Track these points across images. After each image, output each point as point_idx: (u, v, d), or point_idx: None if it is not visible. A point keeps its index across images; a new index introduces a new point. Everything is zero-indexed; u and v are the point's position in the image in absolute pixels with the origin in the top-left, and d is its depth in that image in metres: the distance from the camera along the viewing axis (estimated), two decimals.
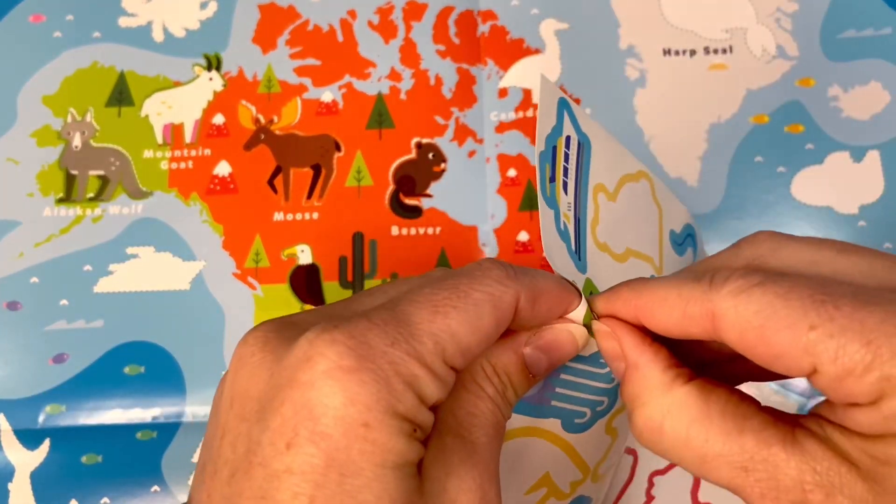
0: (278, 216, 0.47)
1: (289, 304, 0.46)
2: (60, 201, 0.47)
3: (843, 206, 0.45)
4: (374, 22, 0.50)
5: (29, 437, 0.44)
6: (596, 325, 0.26)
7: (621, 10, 0.49)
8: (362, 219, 0.47)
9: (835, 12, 0.48)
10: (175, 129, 0.49)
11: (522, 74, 0.48)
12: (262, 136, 0.48)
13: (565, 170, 0.29)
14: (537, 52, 0.48)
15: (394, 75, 0.49)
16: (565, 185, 0.29)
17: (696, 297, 0.22)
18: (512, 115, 0.48)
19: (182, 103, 0.49)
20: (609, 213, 0.31)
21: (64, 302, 0.46)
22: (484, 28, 0.49)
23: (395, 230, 0.46)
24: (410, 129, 0.48)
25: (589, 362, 0.28)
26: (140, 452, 0.43)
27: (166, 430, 0.44)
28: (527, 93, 0.48)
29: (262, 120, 0.49)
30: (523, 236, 0.46)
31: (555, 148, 0.29)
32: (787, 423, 0.21)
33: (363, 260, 0.46)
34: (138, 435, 0.44)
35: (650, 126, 0.47)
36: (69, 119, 0.49)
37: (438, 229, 0.46)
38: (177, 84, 0.49)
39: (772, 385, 0.42)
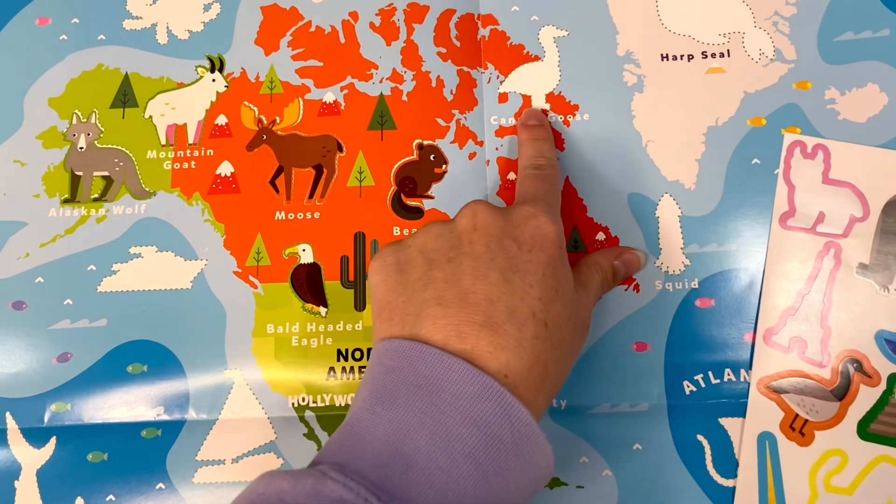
0: (280, 215, 0.47)
1: (290, 302, 0.46)
2: (66, 202, 0.48)
3: None
4: (376, 24, 0.50)
5: (35, 436, 0.45)
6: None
7: (619, 17, 0.49)
8: (364, 219, 0.47)
9: (833, 15, 0.48)
10: (178, 129, 0.49)
11: (522, 81, 0.49)
12: (265, 137, 0.49)
13: None
14: (537, 58, 0.49)
15: (395, 77, 0.49)
16: None
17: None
18: (511, 121, 0.48)
19: (185, 104, 0.49)
20: None
21: (68, 301, 0.46)
22: (484, 32, 0.49)
23: (396, 231, 0.47)
24: (412, 130, 0.48)
25: None
26: (145, 450, 0.44)
27: (171, 429, 0.44)
28: (526, 99, 0.48)
29: (265, 120, 0.49)
30: None
31: None
32: None
33: (365, 260, 0.47)
34: (143, 433, 0.44)
35: (648, 130, 0.47)
36: (74, 121, 0.49)
37: None
38: (180, 85, 0.50)
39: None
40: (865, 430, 0.42)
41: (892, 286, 0.44)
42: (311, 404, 0.45)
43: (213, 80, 0.50)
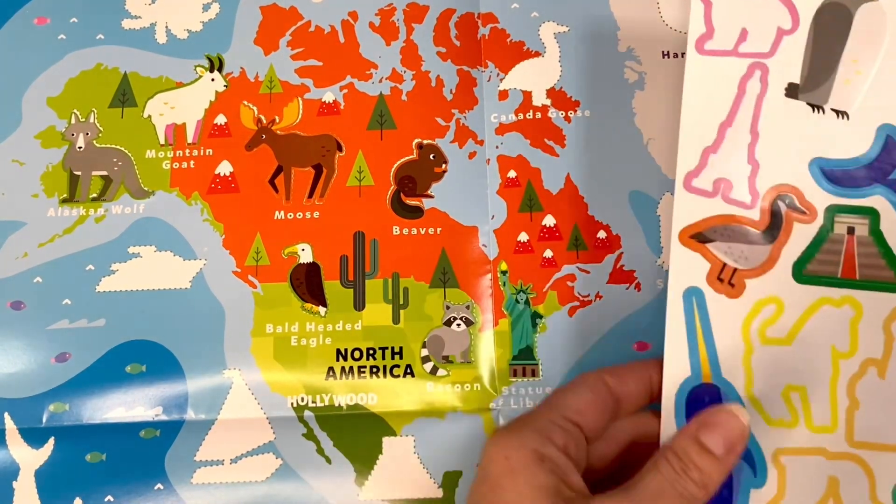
0: (279, 215, 0.47)
1: (289, 302, 0.46)
2: (64, 202, 0.48)
3: None
4: (376, 24, 0.50)
5: (33, 436, 0.44)
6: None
7: (620, 13, 0.49)
8: (363, 218, 0.47)
9: None
10: (177, 129, 0.49)
11: (522, 77, 0.48)
12: (264, 136, 0.49)
13: None
14: (537, 54, 0.49)
15: (395, 76, 0.49)
16: None
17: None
18: (512, 117, 0.48)
19: (184, 104, 0.49)
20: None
21: (67, 301, 0.46)
22: (484, 31, 0.49)
23: (396, 230, 0.47)
24: (411, 129, 0.48)
25: None
26: (144, 451, 0.44)
27: (169, 429, 0.44)
28: (527, 95, 0.48)
29: (264, 120, 0.49)
30: (523, 237, 0.46)
31: None
32: None
33: (364, 259, 0.46)
34: (142, 433, 0.44)
35: (649, 128, 0.47)
36: (73, 120, 0.49)
37: (439, 229, 0.47)
38: (179, 85, 0.50)
39: None
40: (801, 273, 0.38)
41: (828, 105, 0.38)
42: (311, 404, 0.44)
43: (213, 80, 0.50)
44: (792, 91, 0.38)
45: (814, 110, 0.38)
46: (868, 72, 0.38)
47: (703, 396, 0.37)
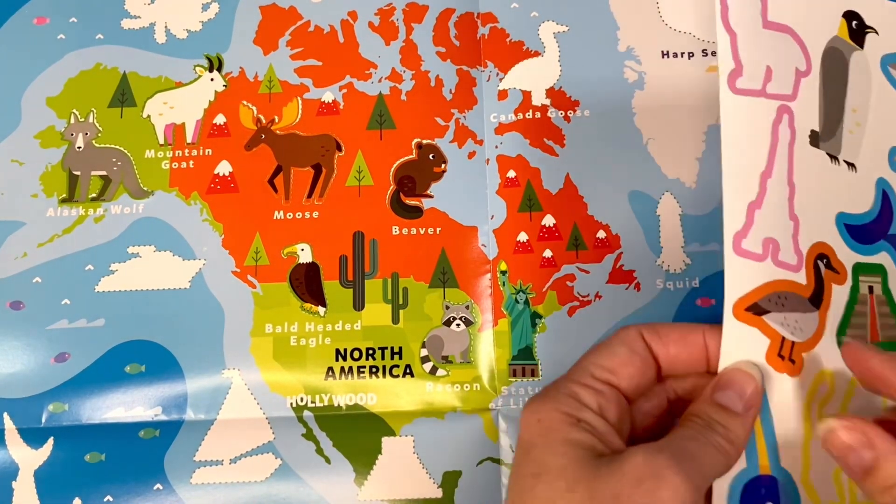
0: (278, 215, 0.47)
1: (288, 302, 0.46)
2: (63, 202, 0.48)
3: None
4: (375, 23, 0.50)
5: (32, 436, 0.44)
6: (832, 423, 0.30)
7: (620, 13, 0.49)
8: (363, 218, 0.47)
9: None
10: (176, 129, 0.49)
11: (522, 76, 0.48)
12: (263, 136, 0.49)
13: None
14: (537, 54, 0.49)
15: (394, 76, 0.49)
16: None
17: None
18: (511, 117, 0.48)
19: (183, 104, 0.49)
20: None
21: (66, 301, 0.46)
22: (484, 30, 0.49)
23: (395, 230, 0.47)
24: (411, 129, 0.48)
25: None
26: (143, 451, 0.44)
27: (169, 429, 0.44)
28: (526, 94, 0.48)
29: (263, 120, 0.49)
30: (523, 237, 0.46)
31: None
32: None
33: (364, 259, 0.46)
34: (141, 433, 0.44)
35: (649, 128, 0.47)
36: (72, 120, 0.49)
37: (439, 229, 0.47)
38: (178, 85, 0.50)
39: None
40: (842, 341, 0.34)
41: (841, 156, 0.34)
42: (310, 404, 0.44)
43: (212, 80, 0.50)
44: (814, 139, 0.34)
45: (832, 161, 0.34)
46: (864, 122, 0.35)
47: (760, 489, 0.33)
